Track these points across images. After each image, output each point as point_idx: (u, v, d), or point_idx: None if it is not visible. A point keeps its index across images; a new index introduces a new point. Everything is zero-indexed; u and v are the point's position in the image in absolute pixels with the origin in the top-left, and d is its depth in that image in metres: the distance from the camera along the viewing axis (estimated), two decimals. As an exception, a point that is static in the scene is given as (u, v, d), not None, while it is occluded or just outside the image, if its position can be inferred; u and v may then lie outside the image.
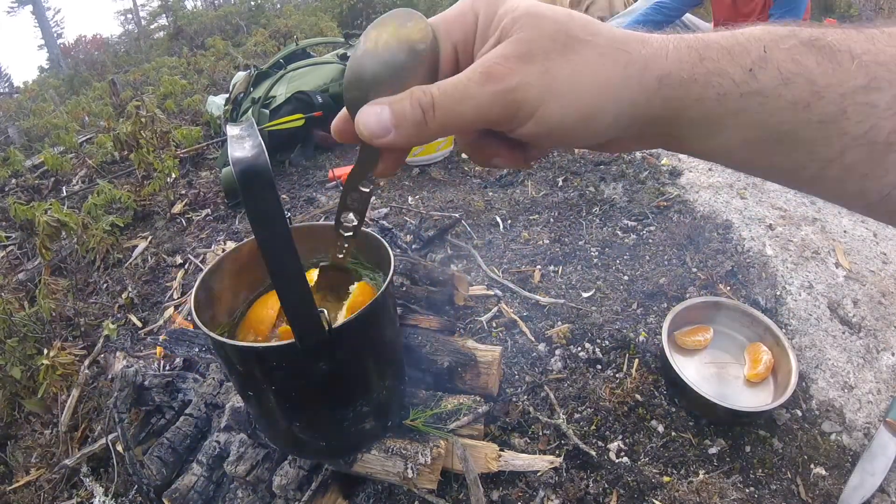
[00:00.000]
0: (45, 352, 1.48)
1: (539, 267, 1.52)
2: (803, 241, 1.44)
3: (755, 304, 1.28)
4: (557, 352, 1.24)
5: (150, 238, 2.19)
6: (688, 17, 2.85)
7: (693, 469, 1.01)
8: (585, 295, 1.39)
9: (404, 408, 1.00)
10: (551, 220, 1.73)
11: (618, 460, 1.02)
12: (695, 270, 1.40)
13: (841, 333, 1.22)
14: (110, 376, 1.44)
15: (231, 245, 1.93)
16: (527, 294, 1.40)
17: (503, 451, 1.00)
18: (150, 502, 1.04)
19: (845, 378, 1.14)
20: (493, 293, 1.42)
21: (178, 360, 1.36)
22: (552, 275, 1.49)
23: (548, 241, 1.62)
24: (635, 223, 1.64)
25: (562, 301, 1.36)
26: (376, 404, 0.89)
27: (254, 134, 0.52)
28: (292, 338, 0.68)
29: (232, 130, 0.53)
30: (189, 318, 1.56)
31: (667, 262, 1.45)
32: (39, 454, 1.37)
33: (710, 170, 1.81)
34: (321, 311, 0.66)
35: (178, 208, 2.39)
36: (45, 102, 6.51)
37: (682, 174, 1.82)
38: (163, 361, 1.39)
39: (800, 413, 1.09)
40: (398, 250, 1.55)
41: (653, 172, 1.86)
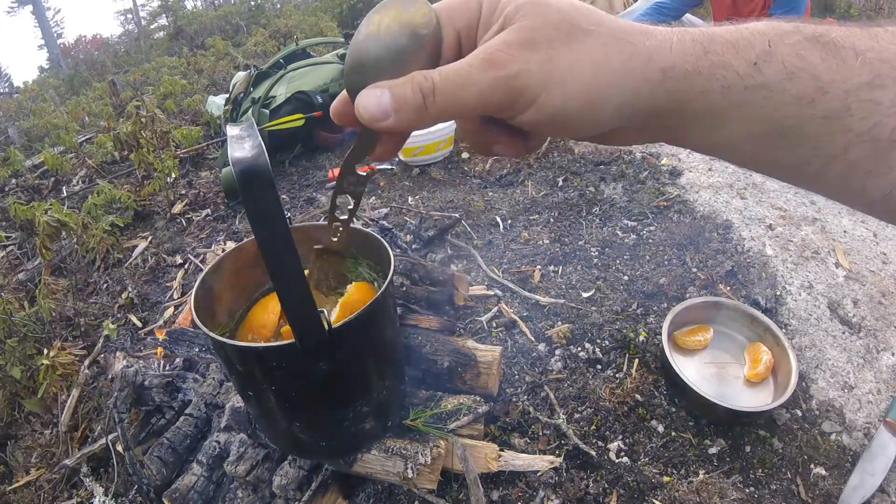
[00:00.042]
0: (45, 352, 1.48)
1: (539, 267, 1.52)
2: (803, 241, 1.44)
3: (755, 304, 1.28)
4: (557, 352, 1.24)
5: (150, 238, 2.19)
6: (688, 17, 2.85)
7: (693, 469, 1.01)
8: (585, 295, 1.39)
9: (404, 408, 1.00)
10: (551, 220, 1.73)
11: (618, 460, 1.02)
12: (695, 270, 1.40)
13: (841, 333, 1.22)
14: (110, 376, 1.44)
15: (231, 245, 1.93)
16: (527, 294, 1.40)
17: (503, 451, 1.00)
18: (150, 502, 1.04)
19: (845, 378, 1.14)
20: (493, 293, 1.42)
21: (178, 360, 1.36)
22: (552, 275, 1.49)
23: (548, 241, 1.62)
24: (635, 223, 1.64)
25: (562, 301, 1.36)
26: (376, 404, 0.89)
27: (254, 134, 0.52)
28: (292, 338, 0.68)
29: (232, 130, 0.53)
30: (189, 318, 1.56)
31: (667, 262, 1.45)
32: (39, 454, 1.37)
33: (710, 170, 1.81)
34: (321, 311, 0.66)
35: (178, 208, 2.39)
36: (45, 102, 6.51)
37: (682, 174, 1.82)
38: (163, 361, 1.39)
39: (800, 413, 1.09)
40: (398, 250, 1.55)
41: (653, 172, 1.86)
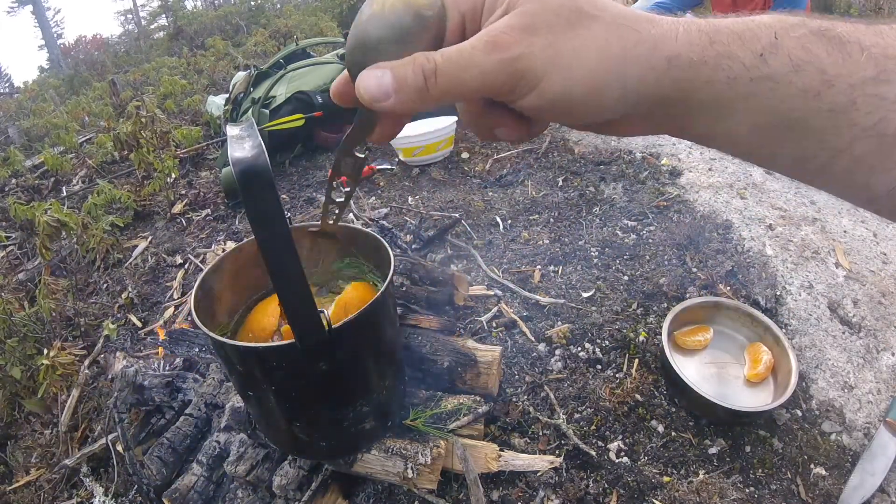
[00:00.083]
0: (45, 352, 1.48)
1: (539, 267, 1.52)
2: (803, 241, 1.44)
3: (755, 304, 1.28)
4: (557, 352, 1.24)
5: (150, 238, 2.19)
6: (688, 16, 2.86)
7: (693, 469, 1.01)
8: (585, 295, 1.39)
9: (404, 408, 1.00)
10: (551, 220, 1.73)
11: (618, 460, 1.02)
12: (695, 270, 1.40)
13: (841, 333, 1.22)
14: (110, 376, 1.44)
15: (231, 245, 1.93)
16: (527, 294, 1.40)
17: (503, 451, 1.00)
18: (150, 502, 1.04)
19: (845, 378, 1.14)
20: (493, 293, 1.42)
21: (178, 360, 1.36)
22: (552, 275, 1.49)
23: (548, 241, 1.62)
24: (635, 223, 1.64)
25: (562, 301, 1.36)
26: (376, 404, 0.89)
27: (254, 134, 0.52)
28: (292, 338, 0.68)
29: (232, 130, 0.53)
30: (189, 318, 1.56)
31: (667, 262, 1.45)
32: (39, 454, 1.37)
33: (710, 170, 1.81)
34: (321, 312, 0.66)
35: (178, 208, 2.39)
36: (45, 102, 6.51)
37: (682, 174, 1.82)
38: (163, 361, 1.39)
39: (800, 413, 1.09)
40: (398, 250, 1.55)
41: (653, 172, 1.86)
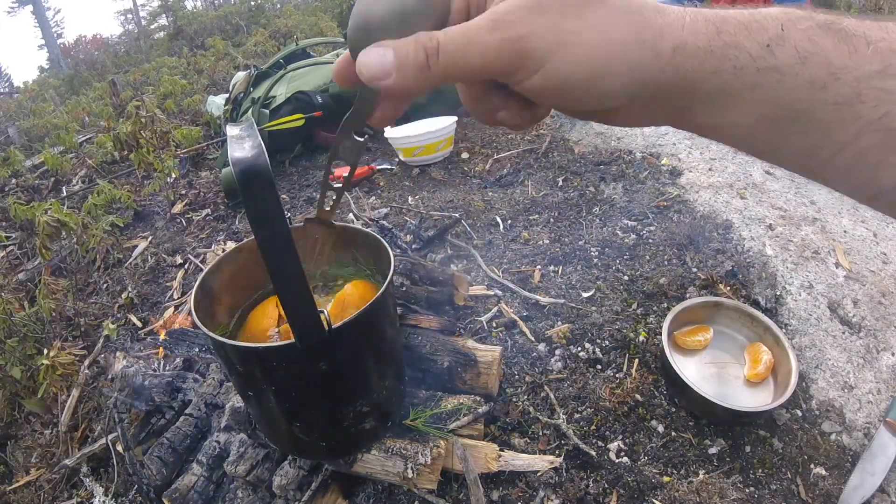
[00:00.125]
0: (45, 352, 1.48)
1: (539, 267, 1.52)
2: (803, 241, 1.44)
3: (755, 304, 1.28)
4: (557, 352, 1.24)
5: (150, 238, 2.19)
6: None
7: (693, 469, 1.01)
8: (585, 295, 1.39)
9: (404, 408, 1.00)
10: (551, 220, 1.73)
11: (618, 460, 1.02)
12: (695, 270, 1.40)
13: (841, 333, 1.22)
14: (110, 376, 1.44)
15: (231, 245, 1.93)
16: (527, 294, 1.40)
17: (503, 451, 1.00)
18: (150, 502, 1.04)
19: (845, 378, 1.14)
20: (493, 293, 1.42)
21: (178, 360, 1.36)
22: (552, 275, 1.49)
23: (548, 241, 1.62)
24: (635, 223, 1.64)
25: (562, 301, 1.36)
26: (376, 404, 0.89)
27: (254, 134, 0.52)
28: (292, 337, 0.68)
29: (232, 130, 0.53)
30: (189, 318, 1.56)
31: (667, 262, 1.45)
32: (39, 454, 1.37)
33: (710, 170, 1.81)
34: (321, 312, 0.66)
35: (178, 208, 2.39)
36: (45, 102, 6.51)
37: (682, 174, 1.82)
38: (163, 361, 1.39)
39: (800, 413, 1.09)
40: (398, 250, 1.55)
41: (653, 172, 1.86)
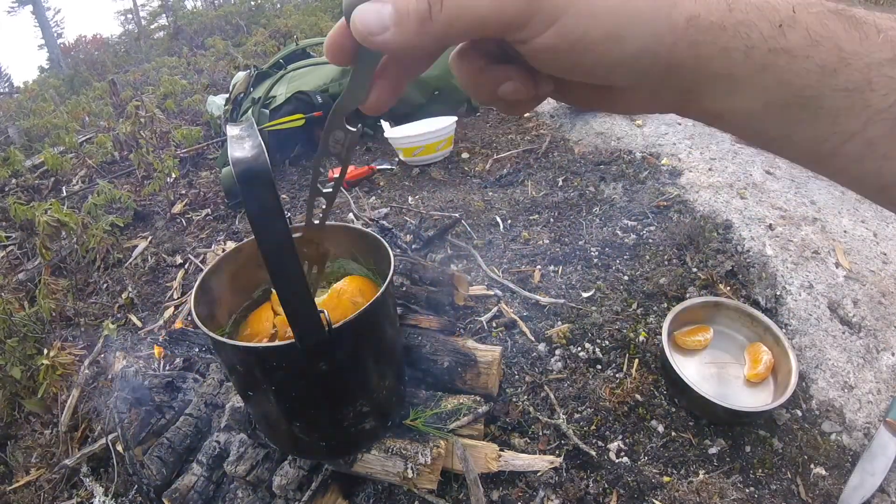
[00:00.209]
0: (45, 352, 1.48)
1: (539, 267, 1.52)
2: (803, 241, 1.44)
3: (755, 304, 1.28)
4: (557, 352, 1.24)
5: (150, 238, 2.19)
6: None
7: (693, 469, 1.01)
8: (585, 295, 1.39)
9: (404, 408, 1.00)
10: (551, 220, 1.73)
11: (618, 460, 1.02)
12: (695, 270, 1.40)
13: (841, 333, 1.22)
14: (110, 376, 1.44)
15: (231, 245, 1.93)
16: (527, 294, 1.40)
17: (503, 451, 1.00)
18: (150, 502, 1.04)
19: (845, 378, 1.14)
20: (493, 293, 1.42)
21: (177, 360, 1.36)
22: (552, 275, 1.49)
23: (548, 241, 1.62)
24: (635, 223, 1.64)
25: (562, 301, 1.36)
26: (376, 404, 0.89)
27: (254, 134, 0.52)
28: (292, 337, 0.68)
29: (232, 130, 0.53)
30: (189, 319, 1.56)
31: (667, 262, 1.45)
32: (39, 454, 1.37)
33: (710, 170, 1.81)
34: (321, 312, 0.66)
35: (178, 208, 2.39)
36: (45, 102, 6.50)
37: (682, 174, 1.82)
38: (163, 361, 1.39)
39: (800, 413, 1.09)
40: (398, 250, 1.55)
41: (653, 172, 1.86)
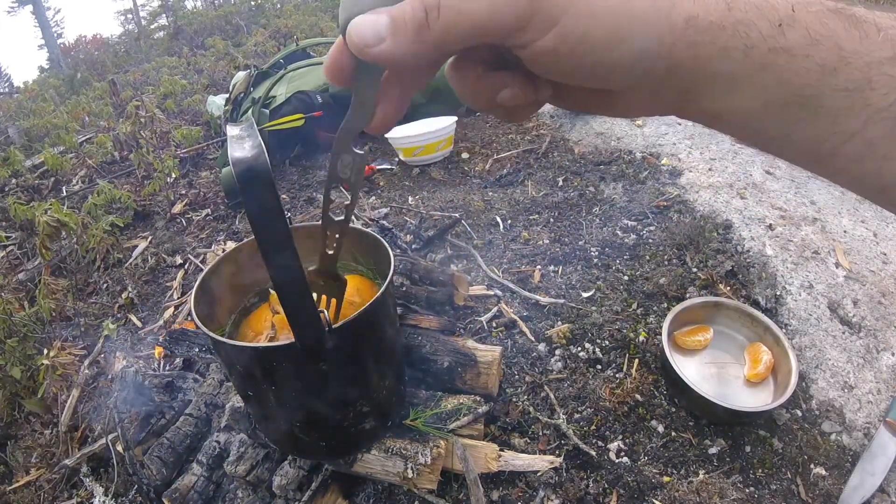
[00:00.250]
0: (45, 352, 1.48)
1: (539, 267, 1.52)
2: (803, 241, 1.44)
3: (755, 304, 1.28)
4: (557, 352, 1.24)
5: (150, 238, 2.19)
6: None
7: (693, 469, 1.01)
8: (585, 295, 1.39)
9: (404, 408, 1.00)
10: (551, 220, 1.73)
11: (618, 460, 1.02)
12: (695, 270, 1.40)
13: (841, 333, 1.22)
14: (110, 376, 1.44)
15: (231, 245, 1.93)
16: (527, 294, 1.40)
17: (503, 451, 1.00)
18: (150, 502, 1.04)
19: (845, 378, 1.14)
20: (493, 293, 1.42)
21: (177, 360, 1.36)
22: (552, 275, 1.49)
23: (548, 241, 1.62)
24: (635, 223, 1.64)
25: (562, 301, 1.36)
26: (376, 404, 0.89)
27: (254, 134, 0.52)
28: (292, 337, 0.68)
29: (232, 130, 0.53)
30: (189, 318, 1.56)
31: (667, 262, 1.45)
32: (39, 454, 1.37)
33: (710, 170, 1.81)
34: (321, 312, 0.66)
35: (178, 208, 2.39)
36: (45, 102, 6.50)
37: (682, 174, 1.82)
38: (163, 361, 1.39)
39: (800, 413, 1.09)
40: (398, 250, 1.55)
41: (653, 172, 1.86)
